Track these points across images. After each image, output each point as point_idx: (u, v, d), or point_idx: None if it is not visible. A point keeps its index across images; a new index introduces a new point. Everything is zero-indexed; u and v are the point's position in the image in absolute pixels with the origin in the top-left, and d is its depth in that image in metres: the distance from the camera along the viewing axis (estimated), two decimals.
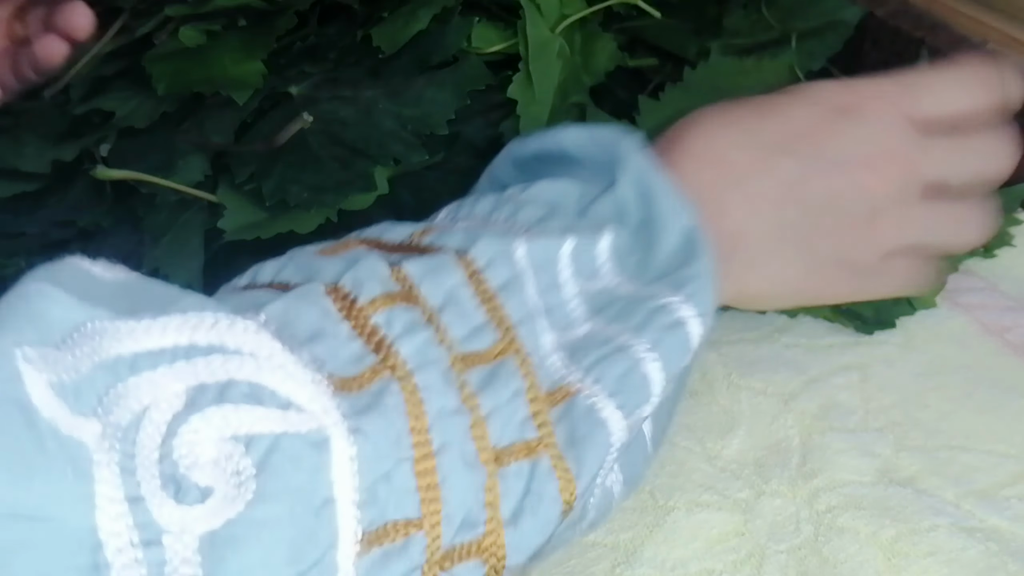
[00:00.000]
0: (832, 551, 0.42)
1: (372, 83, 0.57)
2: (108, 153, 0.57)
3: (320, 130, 0.55)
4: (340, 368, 0.30)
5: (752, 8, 0.63)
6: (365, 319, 0.31)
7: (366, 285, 0.32)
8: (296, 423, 0.28)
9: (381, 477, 0.29)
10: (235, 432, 0.27)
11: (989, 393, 0.48)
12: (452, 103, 0.56)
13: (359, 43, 0.58)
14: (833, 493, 0.44)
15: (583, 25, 0.59)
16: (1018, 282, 0.53)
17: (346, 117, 0.56)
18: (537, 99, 0.57)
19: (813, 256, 0.42)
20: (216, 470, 0.27)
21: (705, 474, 0.45)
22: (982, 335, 0.50)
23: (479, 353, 0.32)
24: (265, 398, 0.28)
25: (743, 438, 0.46)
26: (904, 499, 0.44)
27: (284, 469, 0.27)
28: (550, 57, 0.57)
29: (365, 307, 0.31)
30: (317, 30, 0.60)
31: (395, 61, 0.58)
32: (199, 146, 0.56)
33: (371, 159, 0.54)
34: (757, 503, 0.44)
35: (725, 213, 0.40)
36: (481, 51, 0.59)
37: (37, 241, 0.56)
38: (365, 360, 0.30)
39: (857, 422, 0.47)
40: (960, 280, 0.52)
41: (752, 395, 0.48)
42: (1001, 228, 0.54)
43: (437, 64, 0.57)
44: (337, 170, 0.54)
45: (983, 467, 0.45)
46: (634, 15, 0.62)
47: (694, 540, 0.42)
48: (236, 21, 0.59)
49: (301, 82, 0.57)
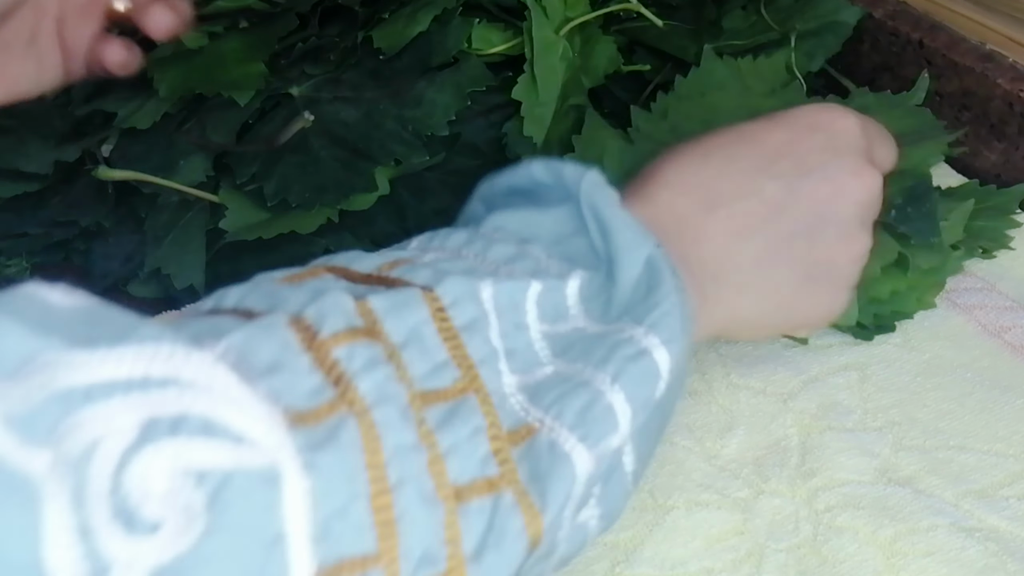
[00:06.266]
0: (831, 550, 0.42)
1: (373, 84, 0.57)
2: (110, 154, 0.57)
3: (321, 131, 0.55)
4: (297, 401, 0.30)
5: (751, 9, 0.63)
6: (326, 352, 0.31)
7: (329, 318, 0.32)
8: (248, 458, 0.28)
9: (335, 512, 0.29)
10: (187, 466, 0.27)
11: (988, 393, 0.48)
12: (453, 104, 0.56)
13: (360, 44, 0.58)
14: (832, 492, 0.44)
15: (583, 27, 0.59)
16: (1016, 282, 0.53)
17: (347, 118, 0.56)
18: (541, 100, 0.57)
19: (808, 272, 0.42)
20: (167, 503, 0.27)
21: (704, 473, 0.45)
22: (981, 335, 0.51)
23: (439, 391, 0.32)
24: (218, 432, 0.28)
25: (742, 437, 0.46)
26: (903, 499, 0.44)
27: (235, 504, 0.27)
28: (554, 59, 0.57)
29: (327, 340, 0.31)
30: (318, 31, 0.60)
31: (396, 62, 0.58)
32: (201, 146, 0.56)
33: (372, 160, 0.54)
34: (756, 502, 0.44)
35: (706, 238, 0.40)
36: (481, 52, 0.59)
37: (39, 241, 0.56)
38: (323, 394, 0.30)
39: (856, 422, 0.47)
40: (959, 280, 0.52)
41: (751, 395, 0.48)
42: (999, 230, 0.54)
43: (438, 65, 0.57)
44: (338, 170, 0.54)
45: (982, 467, 0.45)
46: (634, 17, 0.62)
47: (693, 539, 0.42)
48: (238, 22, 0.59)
49: (302, 83, 0.57)
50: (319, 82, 0.58)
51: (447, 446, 0.31)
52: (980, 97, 0.59)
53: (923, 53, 0.61)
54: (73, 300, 0.29)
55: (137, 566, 0.26)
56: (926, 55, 0.61)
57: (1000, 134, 0.59)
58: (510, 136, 0.57)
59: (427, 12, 0.58)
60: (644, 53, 0.62)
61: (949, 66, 0.60)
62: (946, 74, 0.60)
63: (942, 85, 0.60)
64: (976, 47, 0.60)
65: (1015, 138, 0.58)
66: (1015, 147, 0.58)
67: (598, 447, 0.33)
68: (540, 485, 0.32)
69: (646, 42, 0.62)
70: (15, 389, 0.26)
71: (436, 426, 0.31)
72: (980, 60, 0.59)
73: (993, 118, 0.59)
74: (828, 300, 0.44)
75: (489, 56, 0.59)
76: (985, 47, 0.59)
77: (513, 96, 0.56)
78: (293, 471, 0.28)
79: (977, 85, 0.59)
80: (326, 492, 0.28)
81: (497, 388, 0.34)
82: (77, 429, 0.26)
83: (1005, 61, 0.58)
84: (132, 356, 0.28)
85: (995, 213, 0.54)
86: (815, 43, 0.62)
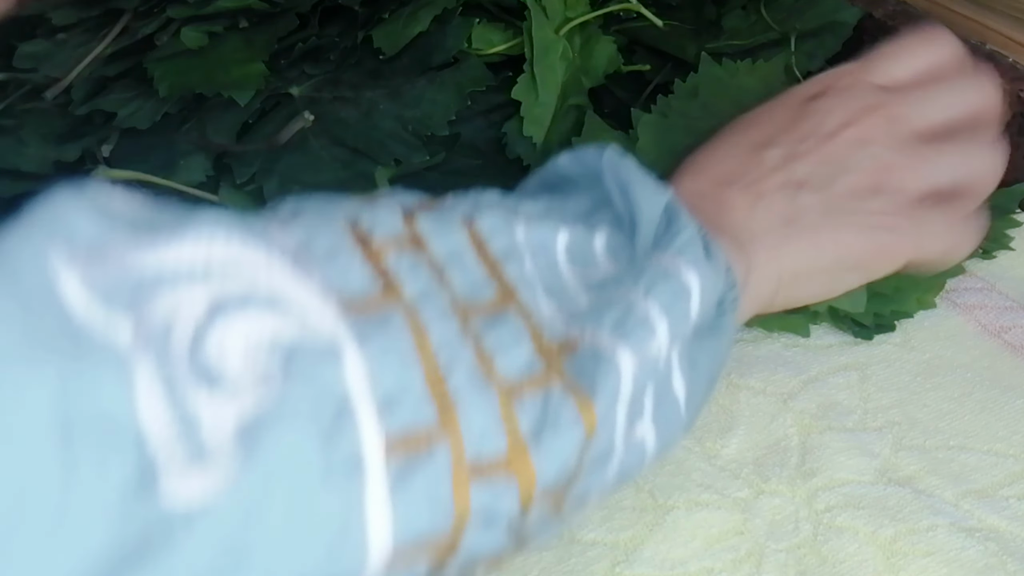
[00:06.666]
0: (831, 550, 0.42)
1: (373, 84, 0.57)
2: (110, 154, 0.57)
3: (321, 131, 0.55)
4: (349, 290, 0.31)
5: (751, 9, 0.63)
6: (377, 253, 0.33)
7: (380, 226, 0.34)
8: (311, 332, 0.29)
9: (394, 387, 0.30)
10: (258, 336, 0.28)
11: (988, 393, 0.48)
12: (453, 104, 0.56)
13: (360, 44, 0.58)
14: (832, 492, 0.44)
15: (583, 27, 0.59)
16: (1016, 282, 0.53)
17: (347, 118, 0.56)
18: (541, 100, 0.57)
19: (844, 219, 0.43)
20: (244, 368, 0.28)
21: (704, 473, 0.45)
22: (981, 335, 0.51)
23: (480, 304, 0.34)
24: (283, 308, 0.29)
25: (742, 437, 0.46)
26: (903, 499, 0.44)
27: (305, 369, 0.28)
28: (554, 59, 0.57)
29: (378, 243, 0.33)
30: (318, 31, 0.60)
31: (396, 62, 0.58)
32: (201, 146, 0.56)
33: (372, 159, 0.54)
34: (756, 502, 0.44)
35: (729, 208, 0.42)
36: (481, 52, 0.59)
37: None
38: (374, 287, 0.32)
39: (856, 422, 0.47)
40: (958, 280, 0.52)
41: (751, 394, 0.48)
42: (999, 230, 0.54)
43: (438, 65, 0.57)
44: (338, 170, 0.54)
45: (982, 467, 0.45)
46: (634, 17, 0.62)
47: (693, 539, 0.42)
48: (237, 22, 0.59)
49: (302, 83, 0.58)
50: (319, 82, 0.58)
51: (492, 346, 0.33)
52: None
53: None
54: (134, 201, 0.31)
55: (223, 423, 0.27)
56: None
57: None
58: (510, 136, 0.57)
59: (427, 12, 0.58)
60: (644, 53, 0.62)
61: None
62: None
63: None
64: (976, 47, 0.59)
65: (1015, 138, 0.58)
66: (1015, 147, 0.58)
67: (639, 349, 0.34)
68: (588, 379, 0.33)
69: (646, 42, 0.62)
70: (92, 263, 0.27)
71: (480, 329, 0.33)
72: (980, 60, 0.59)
73: None
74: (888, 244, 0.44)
75: (489, 56, 0.59)
76: (985, 47, 0.59)
77: (513, 96, 0.56)
78: (351, 349, 0.30)
79: None
80: (382, 369, 0.30)
81: (535, 307, 0.35)
82: (151, 307, 0.28)
83: (1005, 61, 0.58)
84: (192, 243, 0.29)
85: (995, 213, 0.54)
86: (815, 43, 0.62)
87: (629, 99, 0.60)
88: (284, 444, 0.28)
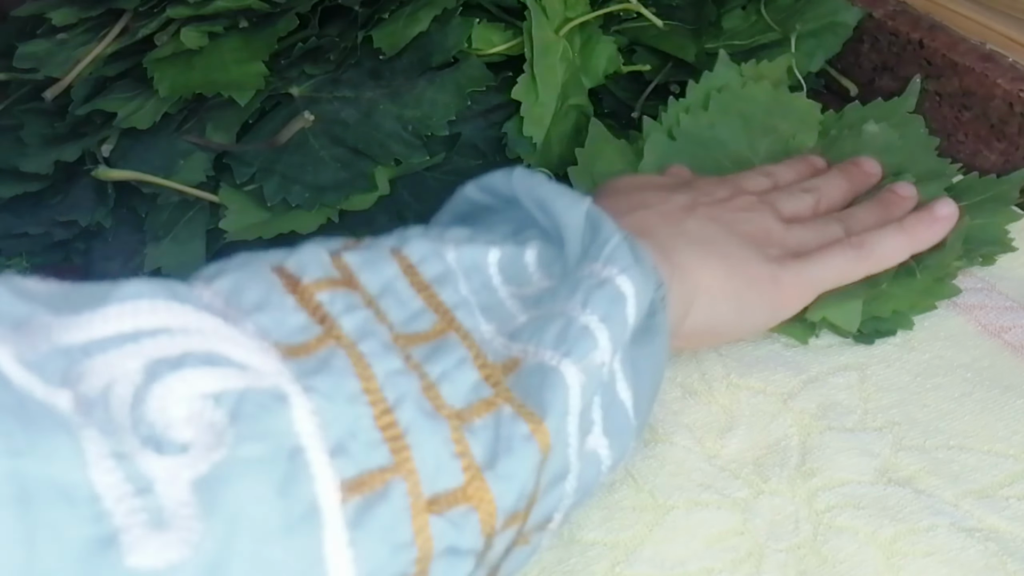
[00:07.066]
0: (831, 550, 0.42)
1: (373, 84, 0.57)
2: (110, 153, 0.57)
3: (321, 131, 0.55)
4: (286, 337, 0.31)
5: (751, 9, 0.63)
6: (309, 295, 0.32)
7: (309, 268, 0.33)
8: (255, 380, 0.29)
9: (344, 431, 0.30)
10: (202, 391, 0.28)
11: (988, 393, 0.48)
12: (453, 104, 0.56)
13: (360, 44, 0.58)
14: (832, 492, 0.44)
15: (583, 27, 0.59)
16: (1016, 283, 0.53)
17: (347, 118, 0.56)
18: (541, 100, 0.57)
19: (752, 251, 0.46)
20: (191, 425, 0.28)
21: (704, 473, 0.45)
22: (981, 335, 0.51)
23: (419, 334, 0.34)
24: (221, 362, 0.29)
25: (742, 437, 0.46)
26: (903, 499, 0.44)
27: (253, 419, 0.28)
28: (554, 59, 0.57)
29: (309, 286, 0.33)
30: (318, 31, 0.60)
31: (396, 62, 0.58)
32: (201, 146, 0.56)
33: (372, 159, 0.54)
34: (756, 502, 0.44)
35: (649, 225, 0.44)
36: (481, 52, 0.59)
37: (39, 241, 0.56)
38: (310, 330, 0.31)
39: (856, 422, 0.47)
40: (959, 281, 0.52)
41: (751, 394, 0.48)
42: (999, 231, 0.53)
43: (438, 65, 0.57)
44: (338, 170, 0.54)
45: (982, 467, 0.45)
46: (634, 17, 0.62)
47: (693, 539, 0.42)
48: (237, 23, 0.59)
49: (302, 83, 0.58)
50: (319, 82, 0.58)
51: (437, 375, 0.33)
52: (980, 97, 0.59)
53: (923, 53, 0.61)
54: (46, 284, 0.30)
55: (178, 480, 0.27)
56: (926, 55, 0.61)
57: (1000, 134, 0.59)
58: (510, 136, 0.57)
59: (427, 12, 0.58)
60: (644, 53, 0.62)
61: (949, 66, 0.60)
62: (946, 74, 0.60)
63: (942, 85, 0.60)
64: (976, 47, 0.60)
65: (1015, 138, 0.58)
66: (1015, 147, 0.58)
67: (584, 362, 0.34)
68: (536, 398, 0.33)
69: (646, 42, 0.62)
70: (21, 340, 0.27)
71: (423, 359, 0.33)
72: (980, 60, 0.59)
73: (993, 118, 0.59)
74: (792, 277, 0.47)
75: (489, 56, 0.59)
76: (985, 47, 0.59)
77: (513, 96, 0.56)
78: (296, 394, 0.29)
79: (977, 85, 0.59)
80: (331, 411, 0.30)
81: (475, 328, 0.35)
82: (86, 377, 0.27)
83: (1005, 61, 0.58)
84: (116, 312, 0.29)
85: (995, 205, 0.54)
86: (815, 43, 0.62)
87: (629, 99, 0.60)
88: (241, 498, 0.27)
